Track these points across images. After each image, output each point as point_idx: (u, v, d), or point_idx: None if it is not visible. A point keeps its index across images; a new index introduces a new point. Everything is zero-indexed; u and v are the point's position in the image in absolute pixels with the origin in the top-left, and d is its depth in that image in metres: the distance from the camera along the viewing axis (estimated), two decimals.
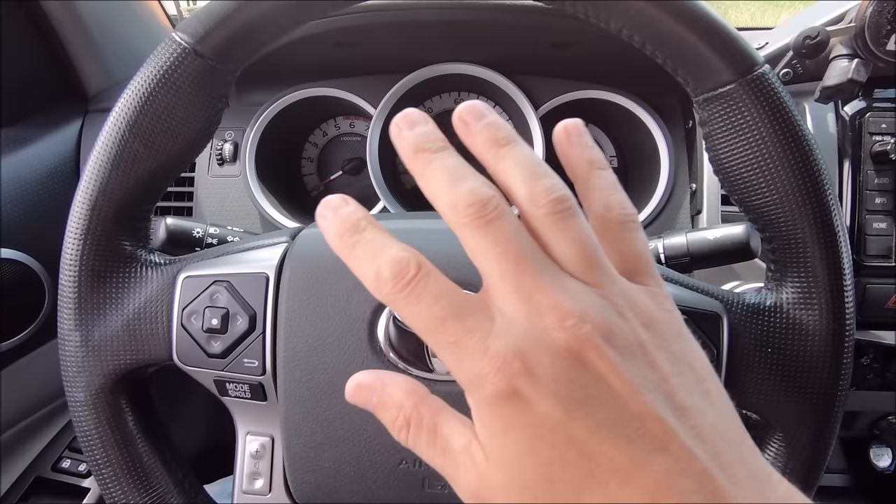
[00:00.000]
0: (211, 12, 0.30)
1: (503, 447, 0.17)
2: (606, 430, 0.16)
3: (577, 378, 0.17)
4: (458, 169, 0.19)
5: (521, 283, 0.17)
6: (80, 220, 0.32)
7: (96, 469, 0.34)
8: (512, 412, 0.17)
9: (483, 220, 0.18)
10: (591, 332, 0.17)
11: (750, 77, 0.28)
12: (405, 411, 0.20)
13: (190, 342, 0.33)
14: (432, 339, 0.18)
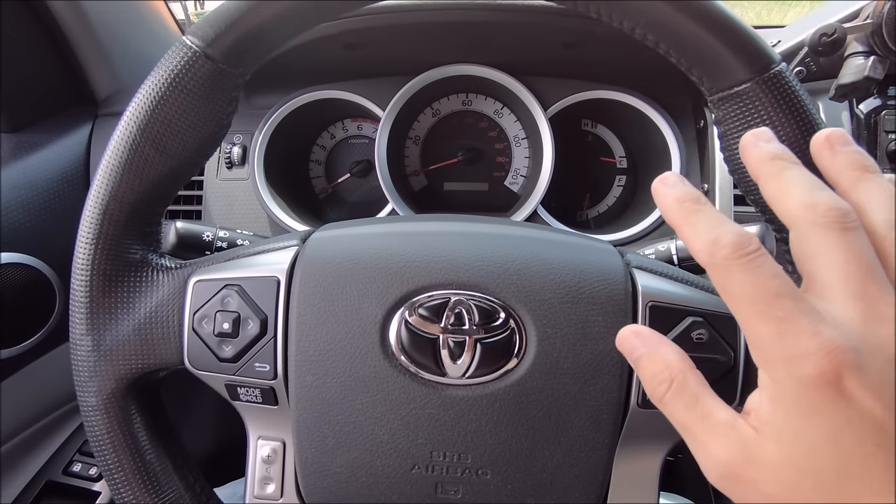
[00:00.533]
0: (221, 16, 0.30)
1: (798, 429, 0.18)
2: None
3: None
4: (816, 181, 0.21)
5: (868, 291, 0.18)
6: (91, 225, 0.32)
7: (108, 474, 0.34)
8: (826, 399, 0.17)
9: (842, 225, 0.19)
10: None
11: (767, 75, 0.28)
12: (673, 370, 0.22)
13: (201, 346, 0.33)
14: (758, 308, 0.19)
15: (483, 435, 0.31)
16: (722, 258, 0.19)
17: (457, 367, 0.31)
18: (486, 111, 0.71)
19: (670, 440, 0.33)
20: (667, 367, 0.22)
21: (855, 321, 0.18)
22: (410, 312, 0.31)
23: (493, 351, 0.31)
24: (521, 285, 0.31)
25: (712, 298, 0.32)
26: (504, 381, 0.31)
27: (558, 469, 0.31)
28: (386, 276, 0.31)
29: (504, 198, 0.73)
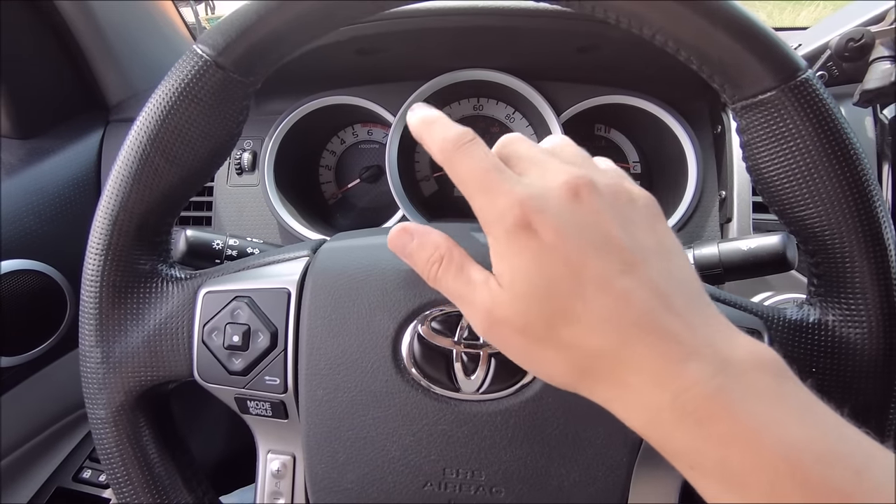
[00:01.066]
0: (233, 24, 0.30)
1: (514, 268, 0.23)
2: (592, 251, 0.22)
3: (574, 213, 0.23)
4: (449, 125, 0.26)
5: (545, 161, 0.25)
6: (101, 236, 0.32)
7: (116, 486, 0.33)
8: (524, 240, 0.23)
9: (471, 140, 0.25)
10: (585, 174, 0.24)
11: (793, 83, 0.27)
12: (441, 250, 0.26)
13: (211, 359, 0.32)
14: (476, 184, 0.24)
15: (497, 452, 0.30)
16: (450, 151, 0.25)
17: (470, 382, 0.30)
18: (497, 116, 0.70)
19: None
20: (436, 248, 0.26)
21: (538, 179, 0.24)
22: (423, 325, 0.30)
23: (508, 365, 0.30)
24: None
25: (734, 312, 0.31)
26: (519, 397, 0.30)
27: (575, 488, 0.30)
28: (398, 289, 0.31)
29: None
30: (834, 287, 0.29)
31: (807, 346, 0.30)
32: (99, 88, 0.72)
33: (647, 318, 0.22)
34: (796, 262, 0.40)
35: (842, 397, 0.29)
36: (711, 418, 0.20)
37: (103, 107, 0.73)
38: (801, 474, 0.19)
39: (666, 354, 0.21)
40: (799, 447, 0.19)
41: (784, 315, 0.31)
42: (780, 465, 0.19)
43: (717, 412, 0.20)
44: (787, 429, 0.20)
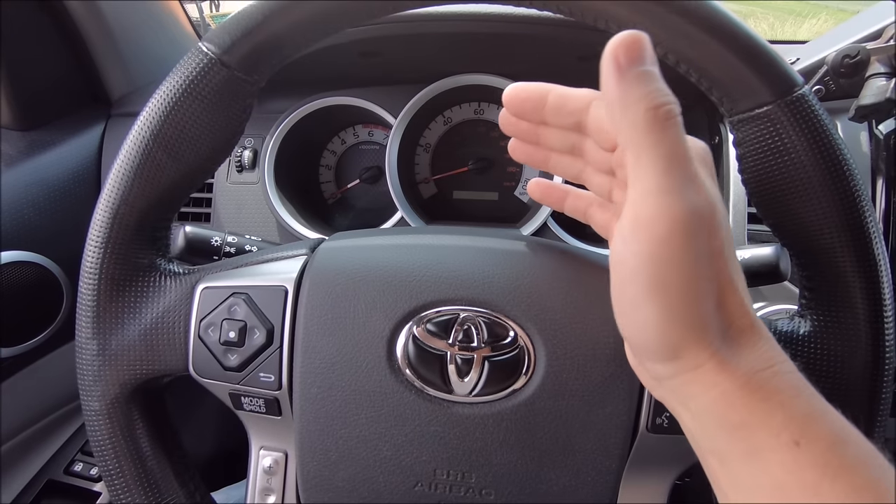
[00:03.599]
0: (238, 24, 0.30)
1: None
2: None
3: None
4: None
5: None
6: (101, 229, 0.32)
7: (108, 479, 0.34)
8: (703, 238, 0.22)
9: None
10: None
11: (789, 98, 0.27)
12: (678, 106, 0.22)
13: (206, 354, 0.33)
14: (671, 164, 0.22)
15: (488, 454, 0.30)
16: (665, 118, 0.21)
17: (464, 385, 0.30)
18: (496, 120, 0.71)
19: (679, 465, 0.32)
20: (674, 101, 0.22)
21: (711, 189, 0.23)
22: (419, 327, 0.31)
23: (502, 369, 0.30)
24: (531, 304, 0.30)
25: None
26: (511, 401, 0.30)
27: (564, 492, 0.30)
28: (395, 290, 0.31)
29: (513, 208, 0.72)
30: (825, 300, 0.30)
31: (796, 357, 0.30)
32: (101, 82, 0.72)
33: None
34: (789, 273, 0.40)
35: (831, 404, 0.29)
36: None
37: (105, 101, 0.73)
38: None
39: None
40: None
41: (775, 326, 0.31)
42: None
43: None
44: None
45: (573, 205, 0.32)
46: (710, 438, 0.23)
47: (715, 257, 0.22)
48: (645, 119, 0.21)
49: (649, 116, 0.21)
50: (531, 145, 0.30)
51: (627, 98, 0.21)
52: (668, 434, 0.30)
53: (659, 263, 0.21)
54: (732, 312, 0.22)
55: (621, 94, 0.21)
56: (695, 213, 0.21)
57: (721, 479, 0.23)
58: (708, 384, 0.22)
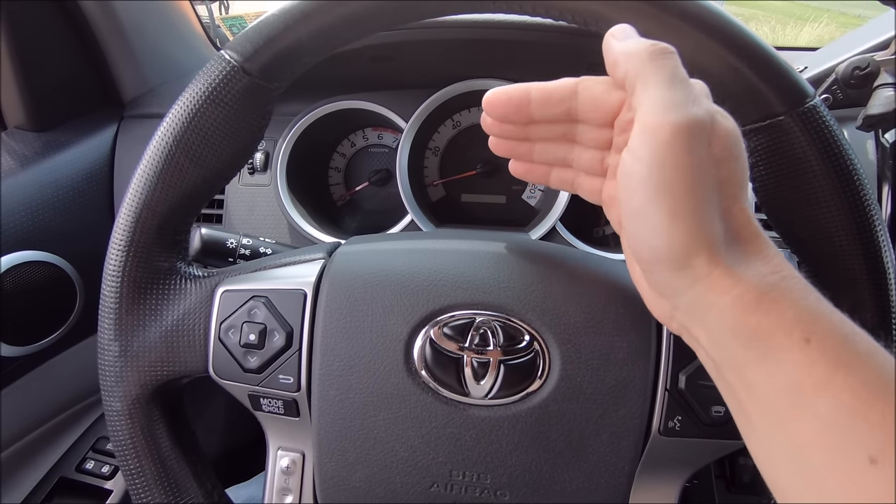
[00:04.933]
0: (260, 32, 0.31)
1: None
2: None
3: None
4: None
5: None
6: (124, 233, 0.32)
7: (129, 478, 0.34)
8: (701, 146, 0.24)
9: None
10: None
11: (801, 109, 0.28)
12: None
13: (227, 356, 0.33)
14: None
15: (503, 456, 0.31)
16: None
17: (480, 388, 0.31)
18: None
19: (690, 468, 0.33)
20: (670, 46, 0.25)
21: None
22: (435, 330, 0.31)
23: (517, 372, 0.31)
24: (546, 308, 0.31)
25: None
26: (526, 404, 0.31)
27: (577, 494, 0.31)
28: (412, 294, 0.32)
29: (521, 211, 0.73)
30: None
31: None
32: (114, 84, 0.72)
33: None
34: None
35: None
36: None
37: (118, 102, 0.74)
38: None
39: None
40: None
41: None
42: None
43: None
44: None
45: (559, 177, 0.32)
46: (726, 349, 0.23)
47: (719, 164, 0.24)
48: (649, 53, 0.24)
49: (651, 51, 0.24)
50: (514, 140, 0.31)
51: (630, 47, 0.25)
52: (679, 437, 0.31)
53: (664, 168, 0.23)
54: (738, 221, 0.24)
55: (625, 47, 0.25)
56: (695, 121, 0.23)
57: (739, 392, 0.23)
58: (721, 290, 0.23)
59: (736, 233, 0.24)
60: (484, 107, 0.29)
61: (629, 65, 0.24)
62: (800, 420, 0.21)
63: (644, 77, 0.24)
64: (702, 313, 0.24)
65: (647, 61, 0.24)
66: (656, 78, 0.24)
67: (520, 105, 0.28)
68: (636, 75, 0.24)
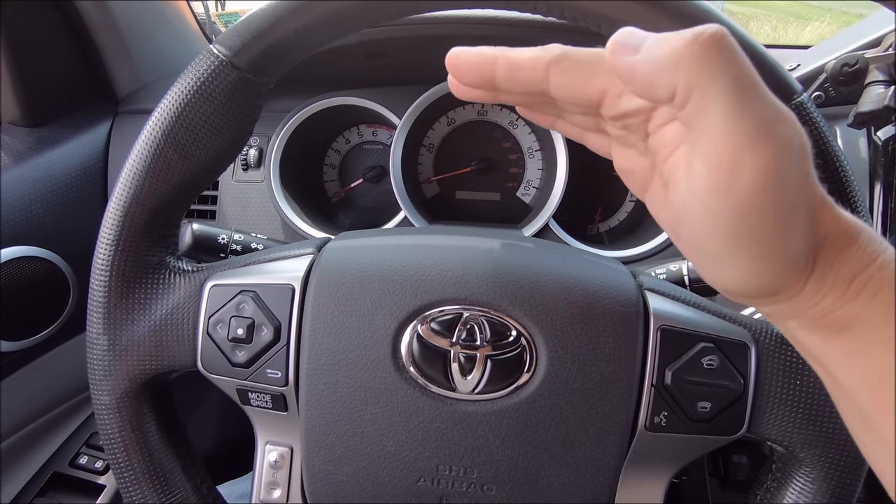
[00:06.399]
0: (249, 27, 0.31)
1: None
2: None
3: None
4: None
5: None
6: (112, 227, 0.32)
7: (118, 472, 0.34)
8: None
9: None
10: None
11: (789, 105, 0.28)
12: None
13: (215, 350, 0.33)
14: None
15: (490, 451, 0.31)
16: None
17: (467, 383, 0.31)
18: (500, 122, 0.71)
19: (676, 463, 0.33)
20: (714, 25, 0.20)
21: None
22: (423, 326, 0.31)
23: (504, 367, 0.31)
24: (533, 304, 0.31)
25: (723, 324, 0.32)
26: (513, 399, 0.31)
27: (563, 488, 0.31)
28: (400, 289, 0.32)
29: (515, 209, 0.73)
30: None
31: (793, 358, 0.31)
32: (109, 80, 0.72)
33: None
34: None
35: (825, 405, 0.30)
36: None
37: (112, 98, 0.74)
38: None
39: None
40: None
41: (772, 328, 0.32)
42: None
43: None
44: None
45: (563, 127, 0.27)
46: (810, 344, 0.22)
47: (808, 184, 0.19)
48: (696, 54, 0.18)
49: (700, 49, 0.18)
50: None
51: (662, 54, 0.18)
52: (665, 433, 0.31)
53: (747, 216, 0.19)
54: (827, 224, 0.20)
55: (655, 55, 0.19)
56: (785, 148, 0.18)
57: (826, 379, 0.23)
58: (810, 303, 0.21)
59: (825, 237, 0.20)
60: (448, 67, 0.24)
61: (668, 79, 0.18)
62: (888, 416, 0.20)
63: (700, 92, 0.18)
64: (788, 318, 0.22)
65: (699, 67, 0.18)
66: (717, 92, 0.18)
67: (483, 75, 0.23)
68: (687, 90, 0.18)
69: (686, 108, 0.19)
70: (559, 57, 0.22)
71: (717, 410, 0.31)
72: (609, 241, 0.71)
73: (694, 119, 0.19)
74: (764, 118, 0.18)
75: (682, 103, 0.19)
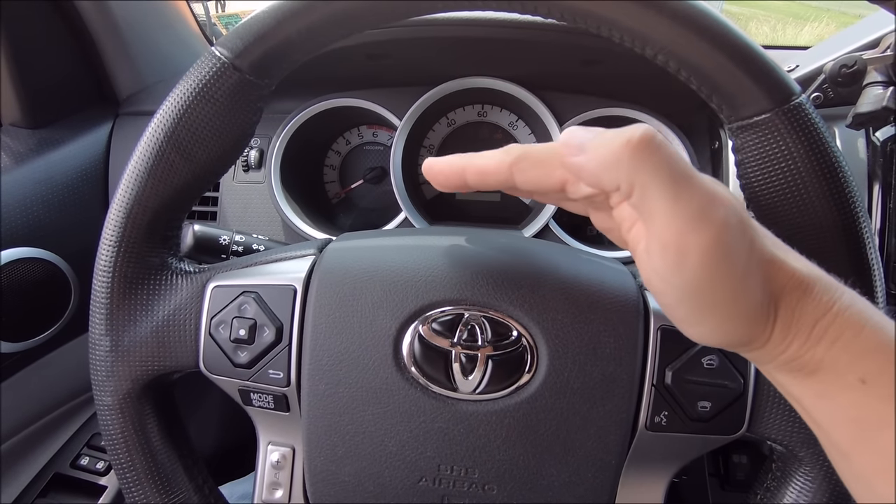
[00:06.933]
0: (251, 29, 0.31)
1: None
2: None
3: None
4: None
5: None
6: (115, 229, 0.33)
7: (120, 472, 0.34)
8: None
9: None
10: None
11: (787, 107, 0.28)
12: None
13: (217, 351, 0.33)
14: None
15: (491, 450, 0.31)
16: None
17: (468, 383, 0.31)
18: (500, 123, 0.72)
19: (677, 463, 0.33)
20: (640, 125, 0.22)
21: None
22: (424, 326, 0.31)
23: (504, 367, 0.31)
24: (533, 304, 0.31)
25: None
26: (514, 398, 0.31)
27: (564, 488, 0.31)
28: (401, 290, 0.32)
29: (515, 209, 0.73)
30: None
31: None
32: (110, 81, 0.73)
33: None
34: None
35: None
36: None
37: (113, 100, 0.74)
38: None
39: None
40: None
41: None
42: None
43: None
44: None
45: (541, 199, 0.30)
46: (786, 385, 0.24)
47: (755, 251, 0.22)
48: (629, 157, 0.21)
49: (631, 154, 0.21)
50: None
51: (600, 156, 0.21)
52: (666, 432, 0.31)
53: (701, 289, 0.21)
54: (781, 281, 0.22)
55: (595, 157, 0.22)
56: (724, 226, 0.21)
57: (804, 415, 0.24)
58: (779, 349, 0.22)
59: (782, 290, 0.22)
60: (424, 175, 0.28)
61: (611, 176, 0.21)
62: (862, 454, 0.22)
63: (640, 187, 0.21)
64: (762, 363, 0.24)
65: (636, 165, 0.20)
66: (655, 185, 0.20)
67: (457, 182, 0.27)
68: (629, 185, 0.21)
69: (632, 198, 0.22)
70: (519, 158, 0.25)
71: (717, 410, 0.31)
72: (608, 241, 0.71)
73: (640, 207, 0.22)
74: (699, 204, 0.20)
75: (626, 194, 0.22)
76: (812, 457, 0.31)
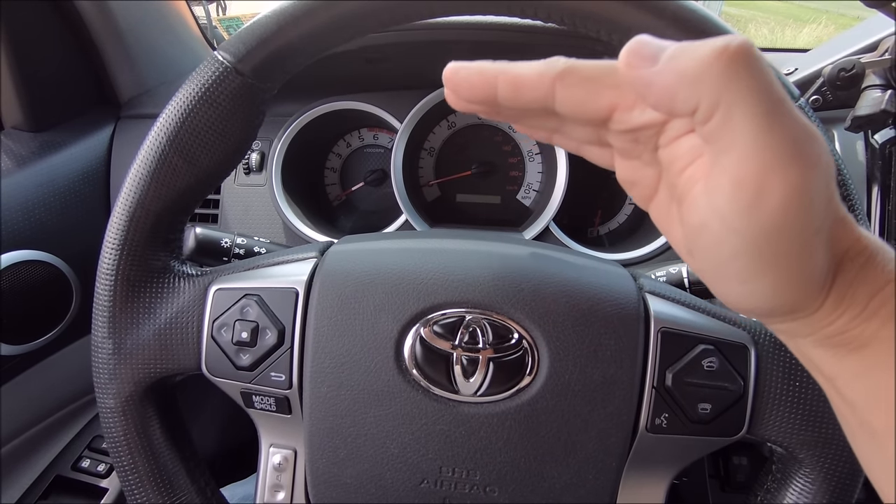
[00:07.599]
0: (253, 33, 0.31)
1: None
2: None
3: None
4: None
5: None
6: (117, 232, 0.33)
7: (122, 475, 0.35)
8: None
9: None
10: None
11: None
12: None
13: (219, 354, 0.33)
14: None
15: (492, 453, 0.31)
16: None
17: (469, 385, 0.31)
18: (500, 125, 0.72)
19: (677, 465, 0.33)
20: (740, 36, 0.19)
21: None
22: (425, 328, 0.31)
23: (506, 370, 0.31)
24: (534, 306, 0.31)
25: (723, 326, 0.32)
26: (515, 401, 0.31)
27: (565, 490, 0.31)
28: (402, 293, 0.32)
29: (516, 211, 0.73)
30: None
31: (792, 361, 0.31)
32: (111, 84, 0.73)
33: None
34: None
35: (824, 405, 0.30)
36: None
37: (115, 103, 0.74)
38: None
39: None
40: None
41: (770, 330, 0.32)
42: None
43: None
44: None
45: (561, 141, 0.26)
46: (820, 361, 0.22)
47: (832, 204, 0.19)
48: (723, 67, 0.17)
49: (726, 62, 0.17)
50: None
51: (684, 65, 0.17)
52: (666, 434, 0.31)
53: (772, 237, 0.18)
54: (846, 244, 0.20)
55: (676, 67, 0.18)
56: (814, 169, 0.17)
57: (833, 399, 0.23)
58: (826, 321, 0.21)
59: (845, 254, 0.20)
60: (445, 84, 0.23)
61: (691, 93, 0.17)
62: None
63: (726, 108, 0.17)
64: (796, 336, 0.22)
65: (726, 82, 0.17)
66: (745, 109, 0.17)
67: (484, 94, 0.22)
68: (712, 105, 0.17)
69: (709, 123, 0.18)
70: (565, 72, 0.21)
71: (718, 412, 0.31)
72: (609, 243, 0.71)
73: (718, 135, 0.18)
74: (794, 137, 0.17)
75: (705, 118, 0.18)
76: (812, 458, 0.31)
